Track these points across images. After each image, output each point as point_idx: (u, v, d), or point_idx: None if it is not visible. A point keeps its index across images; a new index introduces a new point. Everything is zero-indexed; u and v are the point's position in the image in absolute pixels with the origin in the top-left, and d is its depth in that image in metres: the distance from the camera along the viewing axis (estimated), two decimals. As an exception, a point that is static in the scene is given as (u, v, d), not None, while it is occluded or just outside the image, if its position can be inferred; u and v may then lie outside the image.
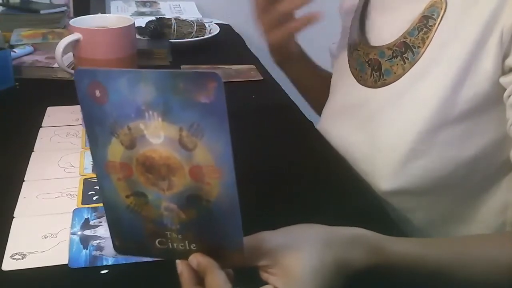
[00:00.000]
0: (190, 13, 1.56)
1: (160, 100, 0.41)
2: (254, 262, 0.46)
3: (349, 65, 0.80)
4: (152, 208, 0.45)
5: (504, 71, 0.62)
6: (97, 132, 0.43)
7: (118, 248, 0.49)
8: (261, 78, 1.09)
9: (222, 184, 0.43)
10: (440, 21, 0.67)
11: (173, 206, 0.45)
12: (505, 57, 0.62)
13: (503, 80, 0.62)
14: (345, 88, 0.81)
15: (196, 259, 0.46)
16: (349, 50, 0.81)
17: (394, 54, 0.71)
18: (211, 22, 1.40)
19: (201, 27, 1.33)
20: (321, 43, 1.01)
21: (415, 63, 0.68)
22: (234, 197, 0.43)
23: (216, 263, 0.45)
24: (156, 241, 0.47)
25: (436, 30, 0.67)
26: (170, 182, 0.44)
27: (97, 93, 0.42)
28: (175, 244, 0.47)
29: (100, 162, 0.45)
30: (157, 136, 0.42)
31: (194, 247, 0.46)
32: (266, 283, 0.46)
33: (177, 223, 0.45)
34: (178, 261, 0.47)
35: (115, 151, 0.44)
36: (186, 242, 0.46)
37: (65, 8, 1.40)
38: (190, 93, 0.40)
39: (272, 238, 0.47)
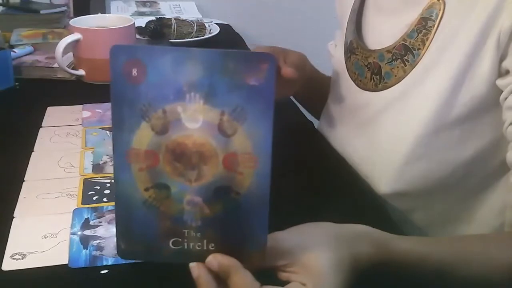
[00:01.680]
0: (190, 13, 1.56)
1: (205, 81, 0.40)
2: (272, 263, 0.46)
3: (347, 68, 0.80)
4: (173, 202, 0.43)
5: (501, 73, 0.62)
6: (124, 115, 0.41)
7: (123, 252, 0.46)
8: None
9: (256, 174, 0.42)
10: (439, 22, 0.66)
11: (198, 200, 0.43)
12: (502, 59, 0.61)
13: (500, 82, 0.62)
14: (344, 92, 0.81)
15: (217, 259, 0.44)
16: (346, 54, 0.81)
17: (394, 57, 0.71)
18: (211, 22, 1.40)
19: (201, 27, 1.33)
20: (320, 43, 1.01)
21: (416, 65, 0.68)
22: (265, 189, 0.42)
23: (239, 263, 0.44)
24: (170, 241, 0.45)
25: (435, 31, 0.67)
26: (199, 171, 0.42)
27: (134, 71, 0.40)
28: (191, 244, 0.44)
29: (121, 150, 0.42)
30: (195, 120, 0.41)
31: (212, 247, 0.44)
32: (284, 282, 0.46)
33: (198, 219, 0.44)
34: (193, 265, 0.44)
35: (143, 136, 0.42)
36: (205, 241, 0.44)
37: (65, 8, 1.40)
38: (240, 74, 0.39)
39: (287, 237, 0.47)
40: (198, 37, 1.30)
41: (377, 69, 0.73)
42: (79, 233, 0.59)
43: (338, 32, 0.89)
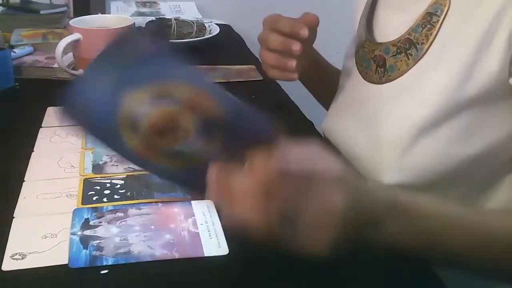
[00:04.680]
0: (190, 13, 1.56)
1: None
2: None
3: (356, 62, 0.81)
4: (194, 156, 0.49)
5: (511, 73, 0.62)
6: (104, 136, 0.48)
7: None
8: (261, 78, 1.09)
9: (216, 100, 0.47)
10: (444, 18, 0.68)
11: (201, 141, 0.47)
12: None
13: None
14: (351, 85, 0.82)
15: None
16: (356, 48, 0.82)
17: (399, 51, 0.72)
18: (211, 22, 1.40)
19: (201, 27, 1.33)
20: (320, 42, 1.01)
21: (419, 59, 0.69)
22: (236, 103, 0.47)
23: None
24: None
25: (439, 27, 0.68)
26: (184, 130, 0.46)
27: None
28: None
29: (132, 156, 0.49)
30: (143, 105, 0.46)
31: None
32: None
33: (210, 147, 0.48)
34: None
35: (129, 139, 0.48)
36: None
37: (65, 8, 1.40)
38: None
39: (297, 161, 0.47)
40: (198, 37, 1.30)
41: (382, 62, 0.74)
42: (79, 233, 0.59)
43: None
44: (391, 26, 0.75)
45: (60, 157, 0.75)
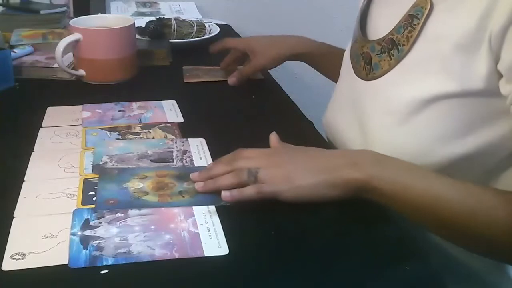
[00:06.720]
0: (190, 13, 1.56)
1: None
2: None
3: (350, 57, 0.83)
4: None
5: (500, 76, 0.62)
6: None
7: None
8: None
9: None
10: (424, 21, 0.68)
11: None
12: (496, 62, 0.62)
13: (504, 90, 0.62)
14: (346, 80, 0.84)
15: None
16: (351, 43, 0.84)
17: (383, 50, 0.73)
18: (211, 22, 1.40)
19: (201, 27, 1.33)
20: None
21: (400, 60, 0.70)
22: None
23: None
24: None
25: (420, 29, 0.68)
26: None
27: None
28: None
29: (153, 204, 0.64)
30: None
31: None
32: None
33: None
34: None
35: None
36: None
37: (65, 8, 1.40)
38: None
39: None
40: (198, 37, 1.30)
41: (368, 59, 0.76)
42: (79, 233, 0.59)
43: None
44: (381, 23, 0.76)
45: (60, 157, 0.75)
